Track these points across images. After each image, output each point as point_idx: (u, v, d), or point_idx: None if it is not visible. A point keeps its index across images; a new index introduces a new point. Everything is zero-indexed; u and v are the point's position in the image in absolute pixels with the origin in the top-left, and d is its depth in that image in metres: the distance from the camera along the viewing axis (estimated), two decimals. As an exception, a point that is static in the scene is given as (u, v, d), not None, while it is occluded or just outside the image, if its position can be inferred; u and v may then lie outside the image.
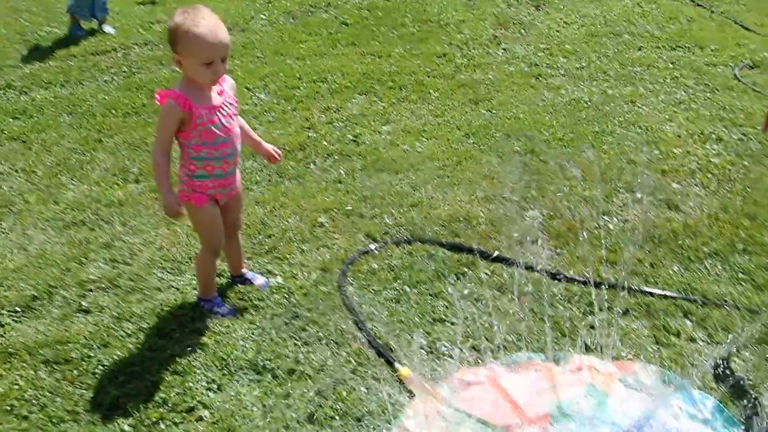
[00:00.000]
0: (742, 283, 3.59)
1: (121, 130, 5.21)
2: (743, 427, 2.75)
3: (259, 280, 3.56)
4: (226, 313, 3.32)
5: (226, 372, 2.98)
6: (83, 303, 3.40)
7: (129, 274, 3.60)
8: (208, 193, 3.14)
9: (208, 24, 2.87)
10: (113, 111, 5.53)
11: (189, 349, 3.09)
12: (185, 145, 3.06)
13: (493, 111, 5.60)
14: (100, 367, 2.99)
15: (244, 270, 3.59)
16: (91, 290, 3.50)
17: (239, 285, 3.53)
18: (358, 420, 2.75)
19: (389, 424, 2.72)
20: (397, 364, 3.01)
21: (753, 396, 2.86)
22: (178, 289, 3.51)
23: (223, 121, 3.05)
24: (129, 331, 3.20)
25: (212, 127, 3.01)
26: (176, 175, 3.17)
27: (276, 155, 3.43)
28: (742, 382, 2.96)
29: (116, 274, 3.60)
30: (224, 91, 3.10)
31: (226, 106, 3.09)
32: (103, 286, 3.52)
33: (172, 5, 7.63)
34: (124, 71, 6.41)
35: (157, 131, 3.06)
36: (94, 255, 3.76)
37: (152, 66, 6.54)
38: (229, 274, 3.59)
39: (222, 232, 3.26)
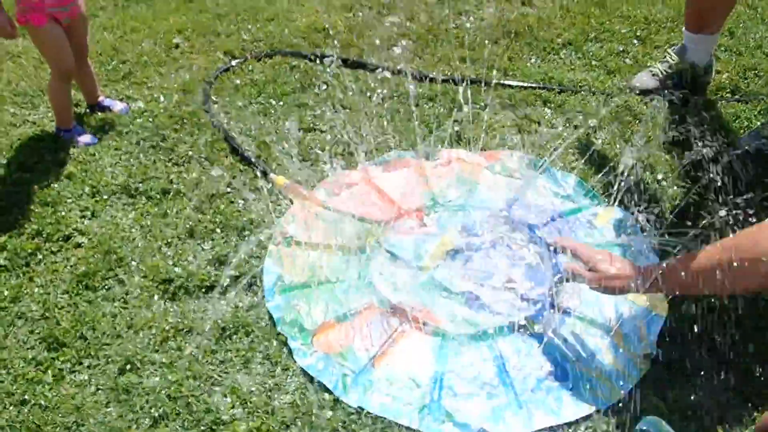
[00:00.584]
0: (596, 69, 3.74)
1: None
2: (601, 196, 2.95)
3: (118, 105, 3.42)
4: (88, 142, 3.19)
5: (98, 199, 2.91)
6: (-69, 145, 3.20)
7: (-23, 112, 3.39)
8: (46, 12, 2.94)
9: None
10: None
11: (55, 179, 2.98)
12: None
13: None
14: (-39, 206, 2.85)
15: (101, 98, 3.43)
16: (-64, 131, 3.28)
17: (98, 113, 3.38)
18: (239, 230, 2.77)
19: (269, 230, 2.75)
20: (271, 174, 3.01)
21: (608, 169, 3.05)
22: (34, 123, 3.33)
23: None
24: (-11, 168, 3.05)
25: None
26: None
27: None
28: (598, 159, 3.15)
29: (-37, 112, 3.38)
30: None
31: None
32: (-51, 126, 3.31)
33: None
34: None
35: None
36: (-67, 95, 3.50)
37: None
38: (86, 104, 3.43)
39: (70, 54, 3.08)
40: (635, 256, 2.61)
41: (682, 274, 2.08)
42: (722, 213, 2.36)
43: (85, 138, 3.21)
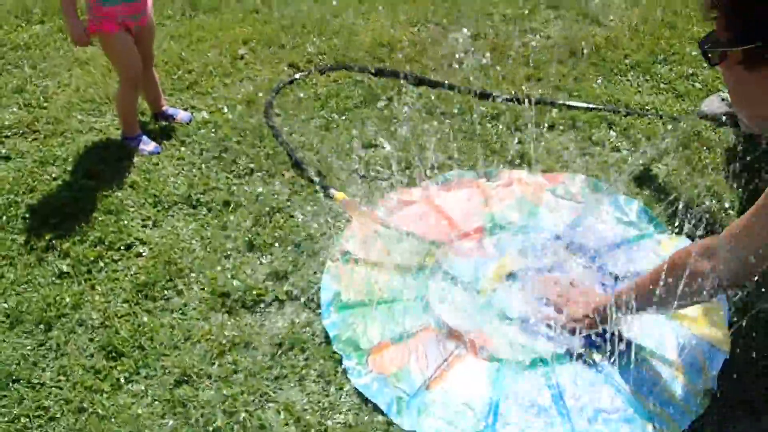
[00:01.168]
0: (664, 92, 3.66)
1: (17, -31, 4.86)
2: (665, 226, 2.88)
3: (181, 114, 3.48)
4: (152, 150, 3.24)
5: (159, 208, 2.94)
6: (2, 150, 3.26)
7: (46, 118, 3.46)
8: (118, 20, 3.04)
9: None
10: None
11: (119, 187, 3.03)
12: None
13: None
14: (29, 212, 2.90)
15: (165, 106, 3.49)
16: (8, 136, 3.36)
17: (162, 121, 3.43)
18: (297, 245, 2.77)
19: (329, 246, 2.75)
20: (331, 190, 3.02)
21: (674, 197, 2.97)
22: (100, 130, 3.40)
23: None
24: (54, 175, 3.11)
25: None
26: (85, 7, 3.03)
27: None
28: (663, 185, 3.08)
29: (33, 118, 3.45)
30: None
31: None
32: (20, 131, 3.38)
33: None
34: None
35: None
36: (6, 101, 3.58)
37: None
38: (150, 113, 3.49)
39: (139, 62, 3.16)
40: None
41: (633, 296, 2.14)
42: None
43: (149, 146, 3.26)
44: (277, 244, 2.78)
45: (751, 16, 1.43)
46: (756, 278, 1.98)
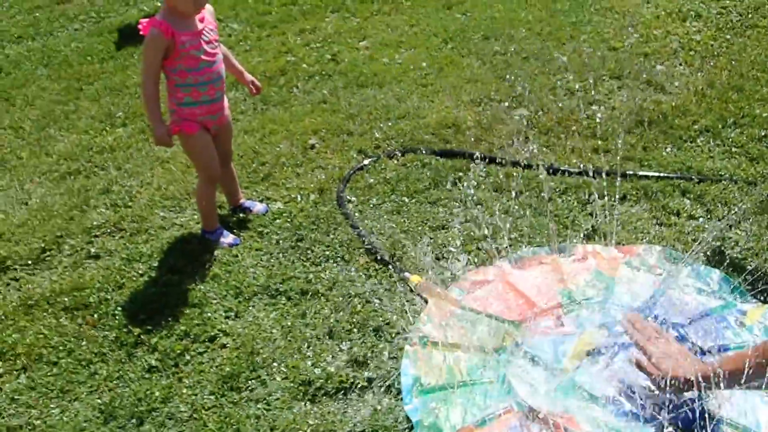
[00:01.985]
0: (736, 156, 3.61)
1: (100, 76, 5.15)
2: (749, 294, 2.81)
3: (257, 206, 3.58)
4: (231, 243, 3.34)
5: (241, 299, 3.02)
6: (92, 249, 3.41)
7: (131, 216, 3.61)
8: (197, 121, 3.17)
9: None
10: (89, 58, 5.45)
11: (202, 281, 3.12)
12: (170, 73, 3.09)
13: (468, 14, 5.54)
14: (119, 309, 3.01)
15: (242, 200, 3.60)
16: (97, 236, 3.51)
17: (240, 214, 3.54)
18: (376, 330, 2.80)
19: (407, 331, 2.77)
20: (406, 273, 3.05)
21: (756, 264, 2.91)
22: (181, 226, 3.52)
23: (206, 46, 3.09)
24: (141, 271, 3.22)
25: (195, 53, 3.05)
26: (167, 110, 3.18)
27: (255, 87, 3.49)
28: (742, 254, 3.01)
29: (119, 217, 3.60)
30: (204, 17, 3.11)
31: (208, 32, 3.11)
32: (108, 230, 3.53)
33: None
34: (93, 17, 6.29)
35: (143, 62, 3.07)
36: (94, 202, 3.76)
37: (120, 8, 6.43)
38: (228, 206, 3.61)
39: (217, 160, 3.29)
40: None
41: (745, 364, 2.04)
42: None
43: (229, 239, 3.36)
44: (355, 330, 2.81)
45: None
46: None
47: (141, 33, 3.00)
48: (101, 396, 2.64)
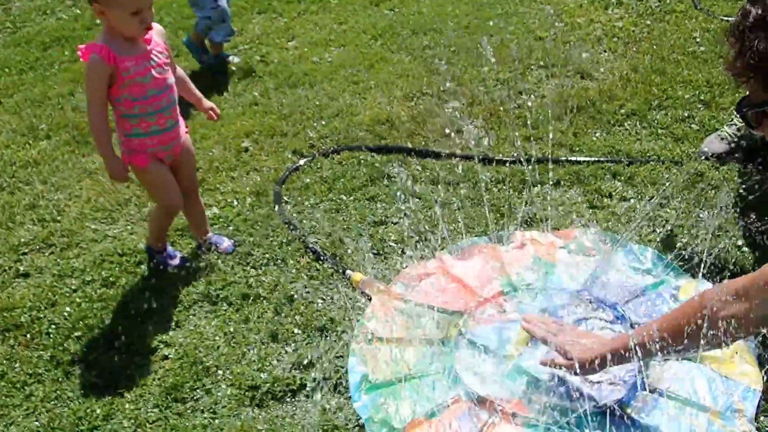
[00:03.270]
0: (662, 138, 3.71)
1: (19, 89, 5.00)
2: (681, 270, 2.89)
3: (224, 243, 3.28)
4: (178, 264, 3.19)
5: (181, 308, 2.97)
6: (20, 267, 3.30)
7: (61, 231, 3.50)
8: (148, 152, 2.92)
9: None
10: (6, 70, 5.28)
11: (139, 292, 3.06)
12: (116, 103, 2.81)
13: (396, 9, 5.56)
14: (53, 327, 2.92)
15: (209, 234, 3.32)
16: (25, 253, 3.40)
17: (205, 250, 3.27)
18: (321, 330, 2.79)
19: (352, 329, 2.76)
20: (348, 271, 3.04)
21: (687, 240, 2.99)
22: (114, 237, 3.44)
23: (154, 72, 2.80)
24: (74, 287, 3.14)
25: (141, 80, 2.77)
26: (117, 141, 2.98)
27: (215, 114, 3.27)
28: (673, 231, 3.09)
29: (48, 233, 3.50)
30: (152, 38, 2.83)
31: (156, 55, 2.82)
32: (37, 247, 3.43)
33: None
34: (8, 27, 6.11)
35: (86, 92, 2.80)
36: (20, 218, 3.64)
37: (36, 17, 6.24)
38: (194, 240, 3.35)
39: (177, 191, 3.04)
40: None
41: (655, 332, 2.08)
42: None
43: (175, 260, 3.20)
44: (300, 332, 2.80)
45: None
46: None
47: (81, 59, 2.74)
48: (38, 418, 2.56)
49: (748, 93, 1.55)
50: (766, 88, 1.51)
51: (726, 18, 4.50)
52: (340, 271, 3.06)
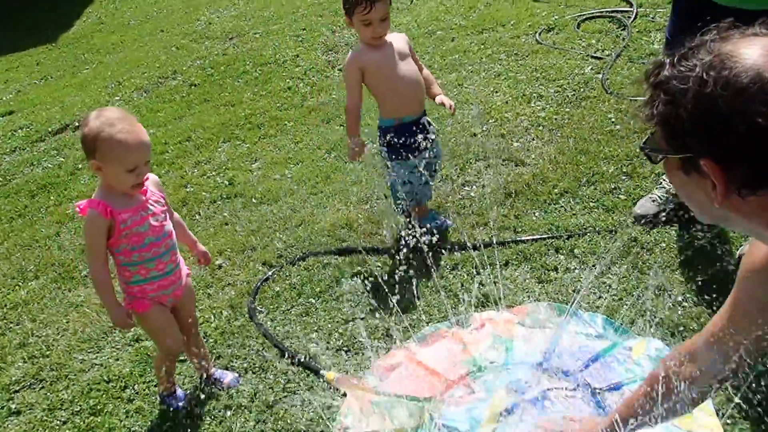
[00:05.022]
0: (594, 210, 3.62)
1: (9, 236, 4.82)
2: (630, 331, 2.76)
3: (228, 378, 2.98)
4: (186, 405, 2.89)
5: (165, 429, 2.75)
6: (12, 406, 3.08)
7: (50, 365, 3.29)
8: (149, 298, 2.69)
9: (129, 128, 2.44)
10: (-3, 220, 5.12)
11: (126, 417, 2.85)
12: (115, 253, 2.61)
13: (344, 126, 5.51)
14: (43, 463, 2.70)
15: (212, 370, 3.01)
16: (17, 391, 3.18)
17: (210, 387, 2.95)
18: (301, 432, 2.59)
19: (329, 427, 2.57)
20: (322, 371, 2.86)
21: (631, 302, 2.87)
22: (101, 365, 3.23)
23: (151, 220, 2.60)
24: (63, 419, 2.92)
25: (139, 229, 2.57)
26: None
27: (206, 259, 3.07)
28: (617, 295, 2.97)
29: (38, 368, 3.28)
30: (147, 188, 2.64)
31: (152, 204, 2.63)
32: (27, 383, 3.21)
33: (29, 111, 7.21)
34: (0, 180, 5.97)
35: (86, 245, 2.62)
36: (11, 357, 3.42)
37: (25, 169, 6.11)
38: (197, 376, 3.04)
39: (178, 335, 2.80)
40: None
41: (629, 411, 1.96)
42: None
43: (180, 402, 2.91)
44: (281, 436, 2.59)
45: (681, 131, 1.38)
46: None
47: (80, 214, 2.56)
48: None
49: (652, 134, 1.48)
50: (666, 140, 1.43)
51: (634, 98, 4.51)
52: (315, 371, 2.88)
